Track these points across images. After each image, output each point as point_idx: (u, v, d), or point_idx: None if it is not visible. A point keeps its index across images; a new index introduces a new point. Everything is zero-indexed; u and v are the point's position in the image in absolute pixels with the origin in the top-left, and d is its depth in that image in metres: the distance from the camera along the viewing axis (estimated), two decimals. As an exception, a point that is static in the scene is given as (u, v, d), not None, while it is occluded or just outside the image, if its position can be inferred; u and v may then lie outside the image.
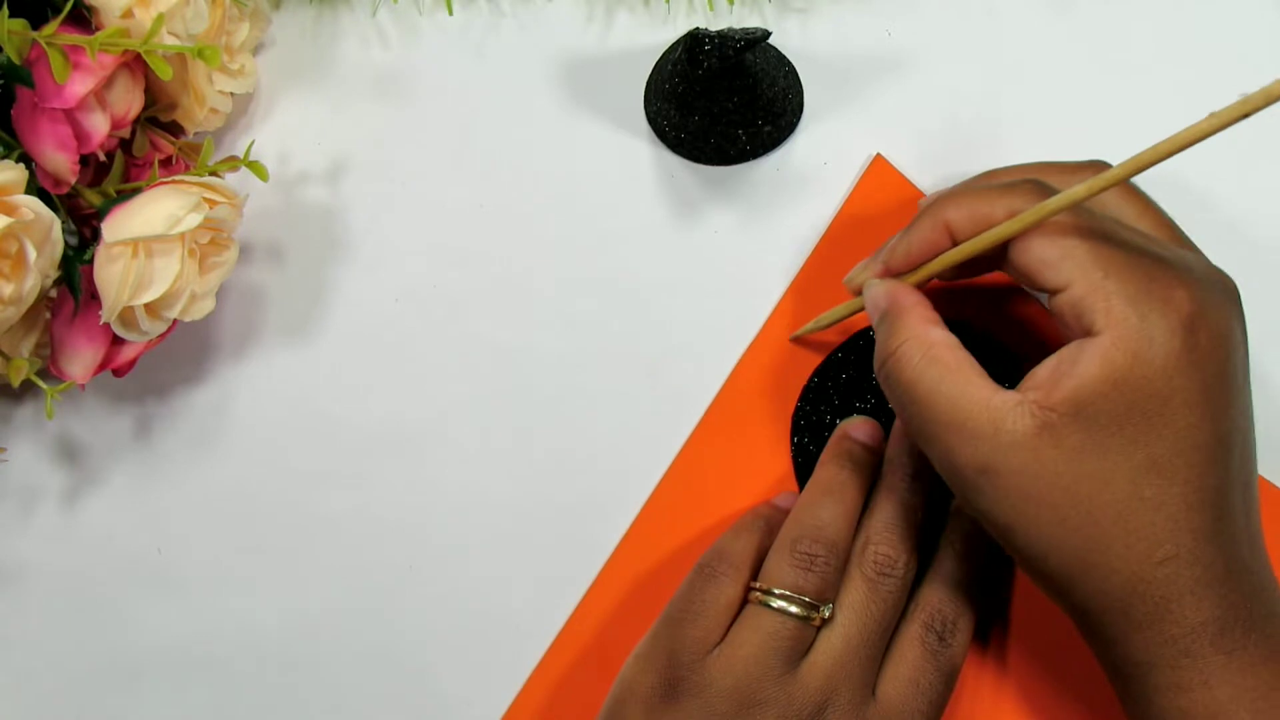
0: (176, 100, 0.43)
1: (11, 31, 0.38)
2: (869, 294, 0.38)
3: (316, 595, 0.44)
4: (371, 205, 0.46)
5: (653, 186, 0.45)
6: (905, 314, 0.36)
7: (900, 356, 0.35)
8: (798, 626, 0.36)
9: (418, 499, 0.44)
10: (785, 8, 0.46)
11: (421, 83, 0.47)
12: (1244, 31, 0.44)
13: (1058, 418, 0.31)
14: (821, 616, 0.36)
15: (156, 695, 0.44)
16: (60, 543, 0.45)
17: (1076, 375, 0.31)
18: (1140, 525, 0.31)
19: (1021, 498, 0.32)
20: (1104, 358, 0.31)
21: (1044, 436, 0.32)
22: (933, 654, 0.37)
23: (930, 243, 0.36)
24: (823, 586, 0.37)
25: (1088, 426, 0.31)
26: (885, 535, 0.38)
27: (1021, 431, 0.32)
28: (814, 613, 0.36)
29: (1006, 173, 0.39)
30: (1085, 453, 0.31)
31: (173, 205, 0.38)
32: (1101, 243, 0.33)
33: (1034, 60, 0.45)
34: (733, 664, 0.36)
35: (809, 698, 0.35)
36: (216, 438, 0.45)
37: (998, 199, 0.35)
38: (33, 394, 0.46)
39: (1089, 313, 0.32)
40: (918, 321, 0.35)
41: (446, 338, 0.45)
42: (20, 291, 0.38)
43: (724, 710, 0.35)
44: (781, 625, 0.36)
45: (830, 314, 0.41)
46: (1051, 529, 0.32)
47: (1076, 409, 0.31)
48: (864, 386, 0.42)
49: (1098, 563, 0.32)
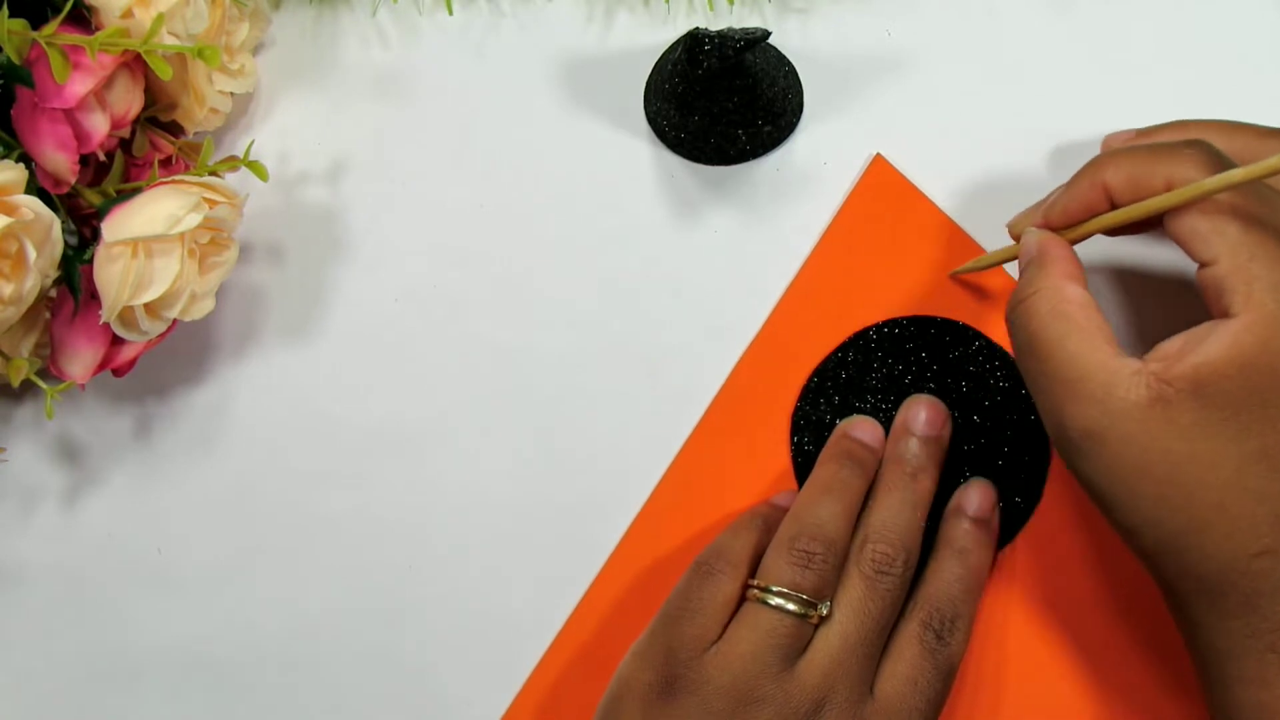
0: (176, 100, 0.43)
1: (11, 31, 0.38)
2: (1024, 240, 0.37)
3: (316, 595, 0.44)
4: (371, 205, 0.46)
5: (653, 186, 0.45)
6: (1048, 265, 0.35)
7: (1030, 304, 0.34)
8: (795, 624, 0.36)
9: (418, 499, 0.44)
10: (785, 8, 0.46)
11: (421, 83, 0.47)
12: (1244, 31, 0.44)
13: (1174, 392, 0.31)
14: (819, 614, 0.36)
15: (156, 695, 0.44)
16: (60, 543, 0.45)
17: (1202, 353, 0.31)
18: (1241, 515, 0.31)
19: (1124, 468, 0.31)
20: (1233, 340, 0.30)
21: (1156, 409, 0.31)
22: (931, 652, 0.37)
23: (1087, 202, 0.35)
24: (820, 584, 0.37)
25: (1203, 406, 0.31)
26: (883, 533, 0.38)
27: (1134, 400, 0.31)
28: (811, 610, 0.36)
29: (1172, 129, 0.38)
30: (1196, 432, 0.31)
31: (173, 205, 0.38)
32: (1255, 225, 0.32)
33: (1034, 60, 0.45)
34: (730, 661, 0.36)
35: (806, 695, 0.35)
36: (216, 438, 0.45)
37: (1158, 164, 0.33)
38: (33, 394, 0.46)
39: (1229, 293, 0.31)
40: (1057, 274, 0.35)
41: (446, 338, 0.45)
42: (20, 291, 0.38)
43: (721, 708, 0.35)
44: (779, 623, 0.36)
45: (990, 255, 0.41)
46: (1150, 505, 0.31)
47: (1195, 386, 0.31)
48: (864, 386, 0.42)
49: (1193, 545, 0.31)
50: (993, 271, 0.43)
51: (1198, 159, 0.33)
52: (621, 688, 0.37)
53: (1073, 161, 0.44)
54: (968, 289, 0.43)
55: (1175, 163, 0.33)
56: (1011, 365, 0.42)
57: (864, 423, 0.41)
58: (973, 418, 0.42)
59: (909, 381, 0.42)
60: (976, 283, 0.43)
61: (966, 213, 0.43)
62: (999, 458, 0.42)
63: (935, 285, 0.43)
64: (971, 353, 0.42)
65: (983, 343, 0.42)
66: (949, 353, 0.42)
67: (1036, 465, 0.41)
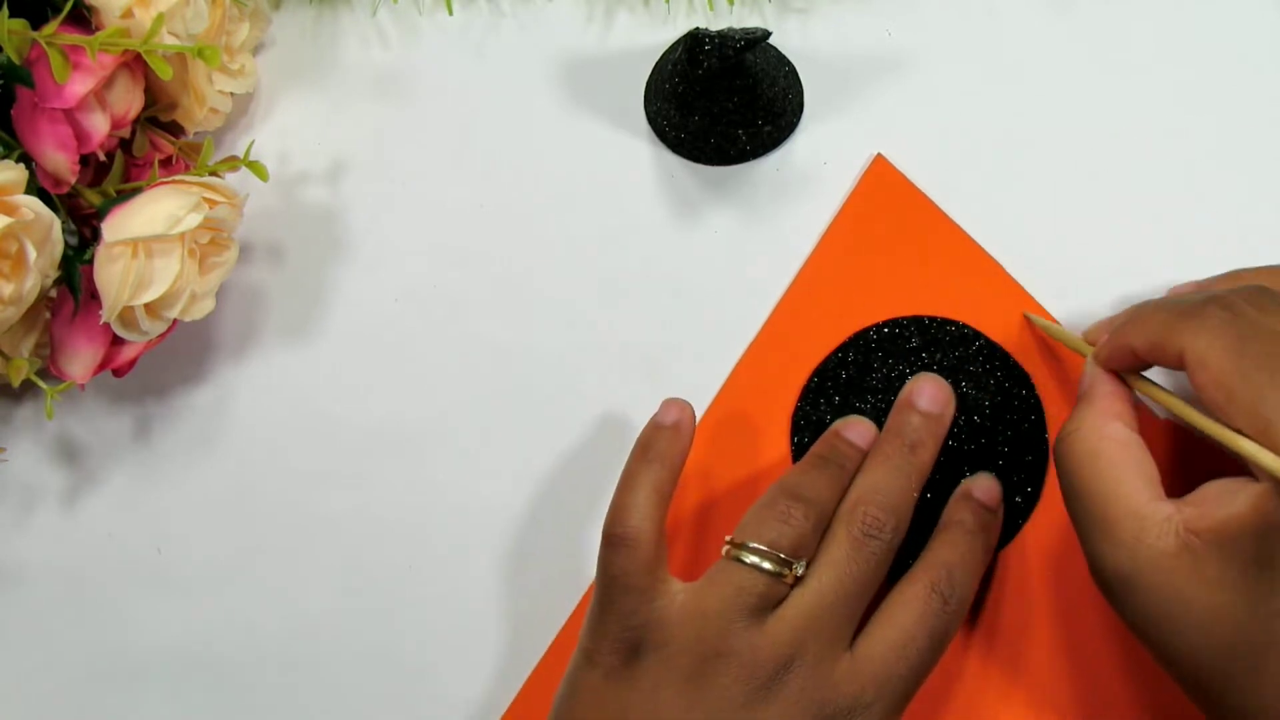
0: (176, 100, 0.43)
1: (11, 31, 0.38)
2: (1085, 369, 0.37)
3: (316, 595, 0.44)
4: (371, 205, 0.46)
5: (653, 186, 0.45)
6: (1094, 401, 0.35)
7: (1071, 442, 0.34)
8: (769, 582, 0.35)
9: (418, 499, 0.44)
10: (785, 8, 0.46)
11: (421, 83, 0.47)
12: (1244, 31, 0.44)
13: (1201, 544, 0.31)
14: (794, 574, 0.35)
15: (156, 695, 0.44)
16: (60, 543, 0.45)
17: (1228, 508, 0.31)
18: (1268, 670, 0.31)
19: (1153, 613, 0.32)
20: (1258, 501, 0.30)
21: (1183, 558, 0.31)
22: (933, 615, 0.35)
23: (1120, 359, 0.36)
24: (798, 542, 0.36)
25: (1228, 561, 0.31)
26: (876, 498, 0.37)
27: (1161, 549, 0.31)
28: (787, 570, 0.35)
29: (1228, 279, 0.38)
30: (1221, 586, 0.31)
31: (173, 205, 0.38)
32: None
33: (1034, 60, 0.45)
34: (693, 616, 0.35)
35: (774, 651, 0.34)
36: (216, 438, 0.45)
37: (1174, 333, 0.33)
38: (33, 394, 0.46)
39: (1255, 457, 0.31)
40: (1101, 412, 0.35)
41: (446, 338, 0.45)
42: (20, 291, 0.38)
43: (684, 664, 0.34)
44: (752, 580, 0.35)
45: (1063, 333, 0.41)
46: (1179, 651, 0.32)
47: (1220, 541, 0.31)
48: (863, 386, 0.42)
49: (1220, 692, 0.31)
50: (999, 280, 0.43)
51: (1216, 327, 0.32)
52: (580, 657, 0.36)
53: (1073, 161, 0.44)
54: (968, 289, 0.43)
55: (1192, 333, 0.33)
56: (1011, 366, 0.42)
57: (858, 424, 0.40)
58: (973, 418, 0.42)
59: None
60: (978, 283, 0.43)
61: (966, 213, 0.43)
62: (999, 458, 0.41)
63: (935, 285, 0.43)
64: (972, 353, 0.42)
65: (983, 343, 0.42)
66: (949, 353, 0.42)
67: (1036, 465, 0.41)
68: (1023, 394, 0.42)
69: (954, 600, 0.36)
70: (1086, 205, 0.43)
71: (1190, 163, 0.44)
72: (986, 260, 0.43)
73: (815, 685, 0.34)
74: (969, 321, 0.43)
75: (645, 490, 0.38)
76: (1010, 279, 0.43)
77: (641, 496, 0.38)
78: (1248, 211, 0.43)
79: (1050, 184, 0.44)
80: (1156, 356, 0.34)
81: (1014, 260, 0.43)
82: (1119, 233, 0.43)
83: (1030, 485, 0.41)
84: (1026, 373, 0.42)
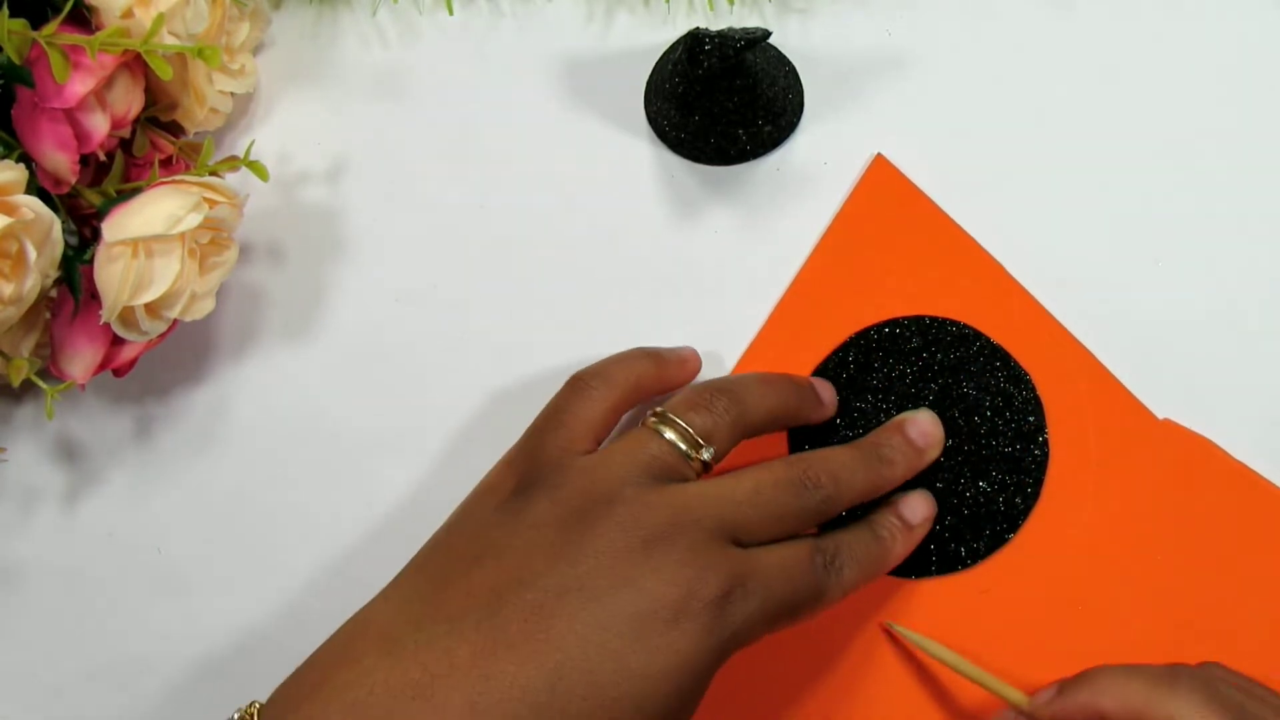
0: (176, 100, 0.43)
1: (11, 31, 0.38)
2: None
3: (317, 596, 0.44)
4: (371, 205, 0.46)
5: (653, 186, 0.45)
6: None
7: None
8: (679, 458, 0.35)
9: (418, 499, 0.44)
10: (785, 8, 0.46)
11: (421, 83, 0.47)
12: (1244, 31, 0.44)
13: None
14: (700, 458, 0.36)
15: (156, 695, 0.44)
16: (60, 543, 0.45)
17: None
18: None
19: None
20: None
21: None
22: (815, 569, 0.35)
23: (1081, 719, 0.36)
24: (713, 430, 0.36)
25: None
26: (828, 467, 0.36)
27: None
28: (695, 450, 0.36)
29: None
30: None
31: (173, 205, 0.38)
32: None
33: (1034, 60, 0.45)
34: (595, 468, 0.35)
35: (664, 510, 0.33)
36: (216, 438, 0.45)
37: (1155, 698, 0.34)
38: (33, 394, 0.46)
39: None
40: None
41: (446, 338, 0.45)
42: (20, 291, 0.38)
43: (574, 504, 0.34)
44: (663, 450, 0.35)
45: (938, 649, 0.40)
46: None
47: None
48: (864, 386, 0.42)
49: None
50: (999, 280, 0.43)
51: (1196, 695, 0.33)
52: (482, 488, 0.37)
53: (1074, 161, 0.44)
54: (968, 289, 0.43)
55: (1175, 697, 0.34)
56: (1011, 366, 0.42)
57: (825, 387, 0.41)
58: (973, 418, 0.42)
59: (909, 382, 0.42)
60: (978, 283, 0.43)
61: (966, 213, 0.43)
62: (999, 458, 0.42)
63: (935, 285, 0.43)
64: (972, 353, 0.42)
65: (983, 343, 0.42)
66: (949, 353, 0.42)
67: (1036, 465, 0.41)
68: (1023, 394, 0.42)
69: (832, 569, 0.35)
70: (1087, 205, 0.43)
71: (1191, 163, 0.43)
72: (986, 260, 0.43)
73: (696, 555, 0.33)
74: (969, 321, 0.43)
75: (631, 372, 0.38)
76: (1010, 279, 0.43)
77: (626, 372, 0.38)
78: (1248, 211, 0.43)
79: (1050, 184, 0.44)
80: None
81: (1014, 260, 0.43)
82: (1119, 233, 0.43)
83: (1030, 485, 0.41)
84: (1026, 373, 0.42)
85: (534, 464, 0.36)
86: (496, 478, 0.37)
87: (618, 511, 0.33)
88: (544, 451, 0.36)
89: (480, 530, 0.35)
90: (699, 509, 0.34)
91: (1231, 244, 0.43)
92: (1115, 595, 0.41)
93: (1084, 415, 0.42)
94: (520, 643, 0.31)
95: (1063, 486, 0.41)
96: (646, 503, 0.34)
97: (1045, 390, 0.42)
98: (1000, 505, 0.41)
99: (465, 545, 0.35)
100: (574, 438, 0.37)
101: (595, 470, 0.35)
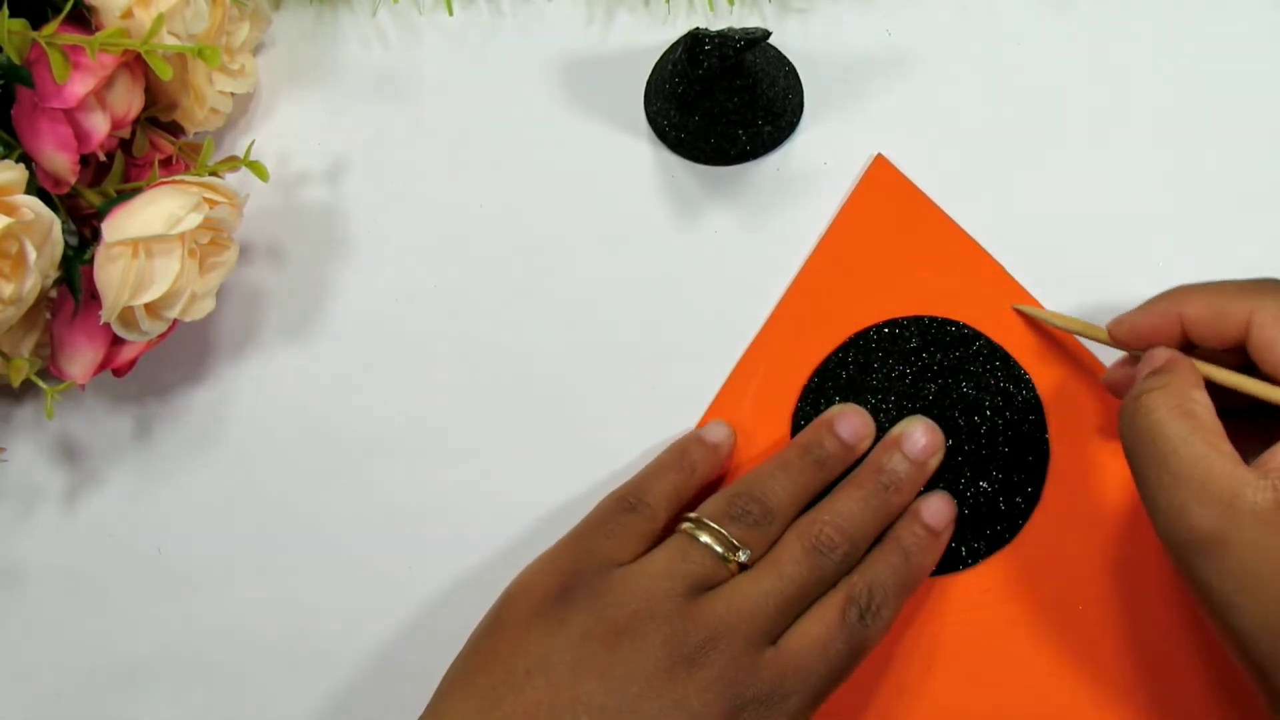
0: (176, 100, 0.43)
1: (11, 31, 0.38)
2: (1154, 351, 0.36)
3: (316, 595, 0.44)
4: (371, 205, 0.46)
5: (653, 186, 0.45)
6: (1177, 370, 0.35)
7: (1153, 399, 0.34)
8: (715, 564, 0.37)
9: (418, 499, 0.44)
10: (785, 8, 0.46)
11: (421, 83, 0.47)
12: (1244, 31, 0.44)
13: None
14: (737, 561, 0.37)
15: (156, 695, 0.44)
16: (60, 543, 0.45)
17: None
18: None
19: (1245, 573, 0.31)
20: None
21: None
22: (849, 627, 0.36)
23: (1159, 329, 0.36)
24: (748, 536, 0.37)
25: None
26: (836, 520, 0.38)
27: (1261, 503, 0.31)
28: (732, 555, 0.37)
29: None
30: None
31: (173, 205, 0.38)
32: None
33: (1034, 60, 0.45)
34: (636, 579, 0.36)
35: (702, 626, 0.35)
36: (216, 438, 0.45)
37: (1239, 295, 0.34)
38: (33, 394, 0.46)
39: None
40: (1183, 379, 0.34)
41: (446, 338, 0.45)
42: (20, 291, 0.38)
43: (613, 616, 0.35)
44: (701, 557, 0.36)
45: (1059, 317, 0.41)
46: (1270, 610, 0.31)
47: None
48: (864, 386, 0.42)
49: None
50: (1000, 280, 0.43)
51: None
52: (518, 588, 0.37)
53: (1074, 160, 0.44)
54: (968, 289, 0.43)
55: (1260, 295, 0.34)
56: (1011, 366, 0.42)
57: (852, 416, 0.41)
58: (973, 418, 0.42)
59: (909, 382, 0.42)
60: (978, 283, 0.43)
61: (966, 213, 0.43)
62: (999, 458, 0.42)
63: (935, 285, 0.43)
64: (972, 353, 0.42)
65: (983, 343, 0.42)
66: (949, 353, 0.42)
67: (1036, 465, 0.41)
68: (1023, 394, 0.42)
69: (869, 616, 0.37)
70: (1087, 205, 0.43)
71: (1191, 162, 0.44)
72: (987, 260, 0.43)
73: (737, 668, 0.34)
74: (969, 321, 0.43)
75: (668, 484, 0.39)
76: (1011, 279, 0.43)
77: (664, 485, 0.39)
78: (1249, 211, 0.43)
79: (1050, 183, 0.44)
80: (1212, 325, 0.34)
81: (1014, 260, 0.43)
82: (1120, 232, 0.43)
83: (1030, 485, 0.41)
84: (1026, 373, 0.42)
85: (577, 570, 0.37)
86: (537, 576, 0.37)
87: (660, 628, 0.35)
88: (589, 559, 0.37)
89: (525, 638, 0.36)
90: (734, 617, 0.35)
91: (1232, 244, 0.43)
92: (1115, 595, 0.41)
93: (1084, 415, 0.42)
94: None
95: (1063, 486, 0.41)
96: (687, 616, 0.35)
97: (1045, 390, 0.42)
98: (1000, 505, 0.41)
99: (512, 653, 0.35)
100: (620, 548, 0.37)
101: (637, 581, 0.36)
